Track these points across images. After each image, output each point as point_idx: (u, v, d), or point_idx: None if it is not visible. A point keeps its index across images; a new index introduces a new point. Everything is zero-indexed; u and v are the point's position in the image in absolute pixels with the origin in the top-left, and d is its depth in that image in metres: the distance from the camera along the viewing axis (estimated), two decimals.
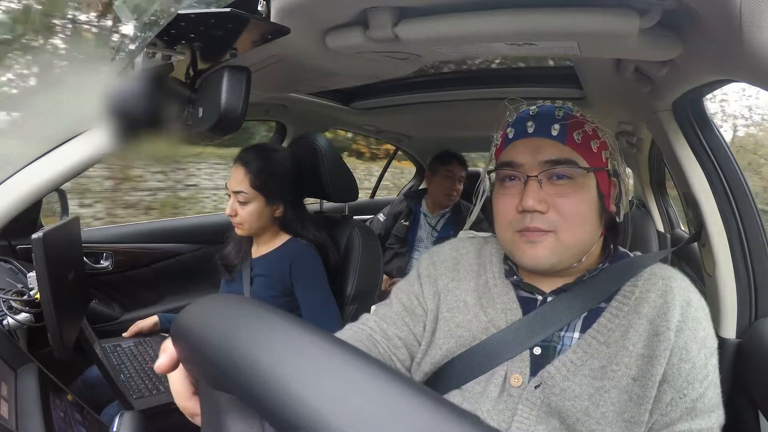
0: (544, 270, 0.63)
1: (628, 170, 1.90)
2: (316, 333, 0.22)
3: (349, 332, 0.69)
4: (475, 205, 0.76)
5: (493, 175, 0.68)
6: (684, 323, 0.59)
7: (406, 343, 0.69)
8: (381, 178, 2.95)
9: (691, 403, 0.57)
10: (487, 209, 0.74)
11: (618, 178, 0.66)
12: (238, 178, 1.15)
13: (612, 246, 0.68)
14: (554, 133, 0.61)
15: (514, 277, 0.67)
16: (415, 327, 0.70)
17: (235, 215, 1.16)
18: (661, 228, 1.90)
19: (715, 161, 0.90)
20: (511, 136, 0.65)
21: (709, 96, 0.90)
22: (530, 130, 0.63)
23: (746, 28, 0.44)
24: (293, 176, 1.22)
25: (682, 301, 0.60)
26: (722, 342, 0.82)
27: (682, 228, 1.90)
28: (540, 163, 0.61)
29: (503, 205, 0.64)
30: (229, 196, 1.17)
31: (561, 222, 0.60)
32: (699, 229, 0.95)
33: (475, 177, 2.79)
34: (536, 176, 0.61)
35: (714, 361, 0.60)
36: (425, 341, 0.69)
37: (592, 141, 0.62)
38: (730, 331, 0.88)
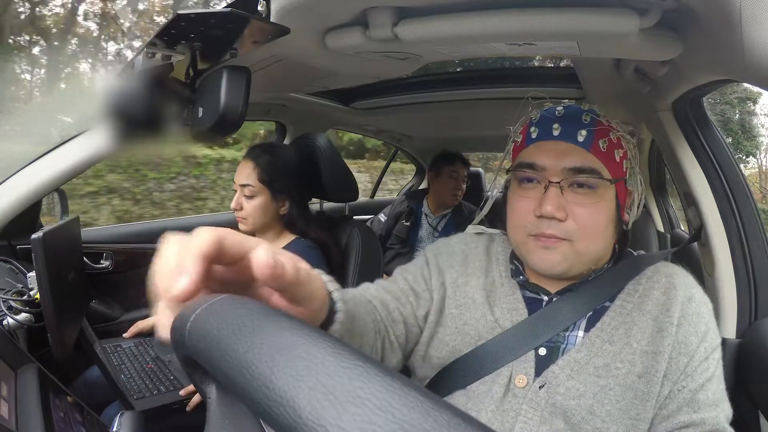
0: (556, 275, 0.62)
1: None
2: (318, 334, 0.22)
3: (348, 293, 0.64)
4: (485, 202, 0.75)
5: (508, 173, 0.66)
6: (684, 318, 0.59)
7: (405, 321, 0.66)
8: (381, 178, 2.96)
9: (690, 394, 0.57)
10: (492, 208, 0.73)
11: (634, 187, 0.65)
12: (246, 172, 1.16)
13: (618, 247, 0.68)
14: (580, 139, 0.60)
15: (521, 277, 0.67)
16: (419, 310, 0.68)
17: (240, 209, 1.17)
18: (661, 228, 1.90)
19: (715, 161, 0.90)
20: (534, 135, 0.63)
21: None
22: (556, 133, 0.61)
23: (746, 28, 0.44)
24: (300, 174, 1.23)
25: (683, 297, 0.60)
26: (722, 342, 0.82)
27: (682, 228, 1.90)
28: (563, 169, 0.59)
29: (520, 207, 0.62)
30: (235, 190, 1.18)
31: (578, 232, 0.59)
32: (699, 229, 0.95)
33: (474, 176, 2.77)
34: (558, 182, 0.59)
35: (717, 355, 0.60)
36: (428, 332, 0.67)
37: (616, 150, 0.61)
38: (730, 331, 0.88)
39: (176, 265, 0.29)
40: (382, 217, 2.24)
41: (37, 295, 0.92)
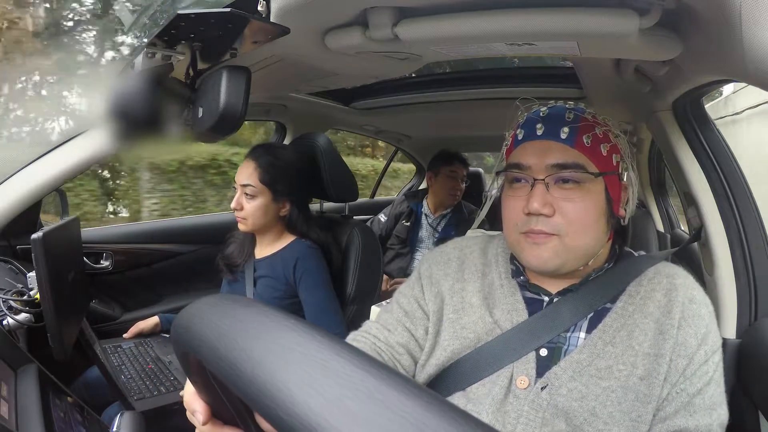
0: (549, 271, 0.62)
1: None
2: (319, 334, 0.22)
3: (352, 343, 0.68)
4: (483, 205, 0.76)
5: (502, 175, 0.67)
6: (684, 320, 0.59)
7: (408, 349, 0.69)
8: (381, 178, 2.95)
9: (688, 398, 0.57)
10: (490, 210, 0.74)
11: (628, 182, 0.65)
12: (247, 172, 1.16)
13: (618, 247, 0.68)
14: (563, 136, 0.61)
15: (521, 277, 0.67)
16: (416, 331, 0.70)
17: (241, 209, 1.17)
18: (661, 228, 1.90)
19: (715, 161, 0.90)
20: (520, 137, 0.65)
21: None
22: (539, 133, 0.62)
23: (746, 28, 0.44)
24: (301, 176, 1.22)
25: (684, 297, 0.60)
26: (722, 342, 0.81)
27: (682, 228, 1.90)
28: (547, 166, 0.61)
29: (510, 207, 0.64)
30: (235, 189, 1.18)
31: (566, 226, 0.60)
32: (699, 229, 0.95)
33: (474, 176, 2.76)
34: (543, 179, 0.60)
35: (716, 358, 0.60)
36: (429, 344, 0.68)
37: (602, 144, 0.62)
38: (730, 331, 0.88)
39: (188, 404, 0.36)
40: (382, 217, 2.25)
41: (37, 295, 0.92)
